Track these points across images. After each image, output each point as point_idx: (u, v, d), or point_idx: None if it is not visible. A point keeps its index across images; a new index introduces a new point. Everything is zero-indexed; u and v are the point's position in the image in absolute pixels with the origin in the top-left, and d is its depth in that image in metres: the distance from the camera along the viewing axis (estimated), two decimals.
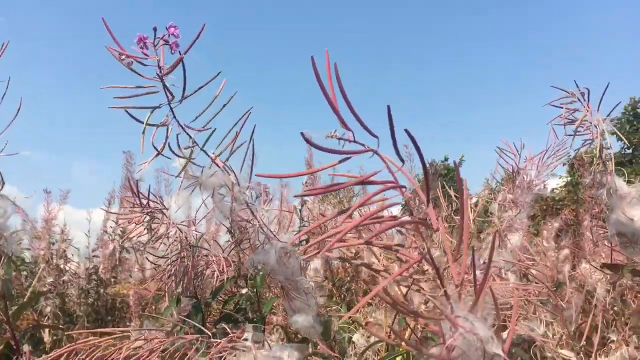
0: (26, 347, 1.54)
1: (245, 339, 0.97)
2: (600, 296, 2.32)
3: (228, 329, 1.06)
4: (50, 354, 1.07)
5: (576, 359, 1.36)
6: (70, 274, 3.75)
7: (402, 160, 0.59)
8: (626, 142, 2.57)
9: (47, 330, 2.71)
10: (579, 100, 1.34)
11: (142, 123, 0.85)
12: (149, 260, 1.27)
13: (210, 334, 1.05)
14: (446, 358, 0.56)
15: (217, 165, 0.96)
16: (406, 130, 0.54)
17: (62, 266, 3.69)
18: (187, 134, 0.92)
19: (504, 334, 0.62)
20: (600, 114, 1.34)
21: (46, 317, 3.07)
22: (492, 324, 0.56)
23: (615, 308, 2.12)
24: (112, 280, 3.93)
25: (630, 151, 20.77)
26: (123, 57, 0.82)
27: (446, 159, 21.19)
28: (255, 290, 1.42)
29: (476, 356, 0.55)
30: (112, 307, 3.73)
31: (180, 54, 0.84)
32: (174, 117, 0.90)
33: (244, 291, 1.48)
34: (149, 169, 0.95)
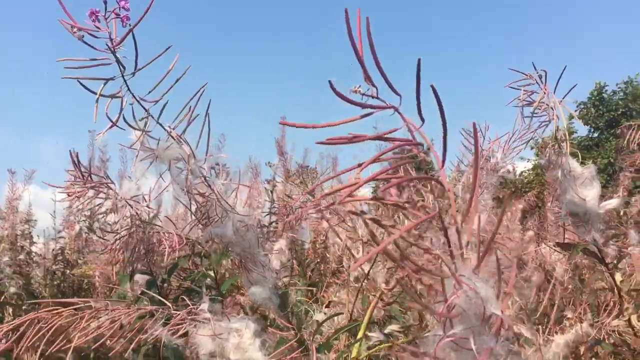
0: None
1: (202, 310, 0.98)
2: (559, 275, 2.38)
3: (188, 302, 1.07)
4: (12, 322, 1.07)
5: (530, 334, 1.40)
6: (35, 255, 3.71)
7: (423, 120, 0.60)
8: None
9: (10, 310, 2.68)
10: (537, 82, 1.36)
11: (95, 94, 0.85)
12: (96, 236, 1.26)
13: (170, 306, 1.05)
14: (447, 315, 0.57)
15: (173, 137, 0.96)
16: (432, 87, 0.56)
17: (26, 247, 3.65)
18: (142, 106, 0.92)
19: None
20: (556, 96, 1.36)
21: (10, 299, 3.03)
22: (493, 286, 0.58)
23: (570, 286, 2.18)
24: (79, 261, 3.89)
25: (596, 135, 21.18)
26: (75, 29, 0.82)
27: (432, 140, 21.27)
28: (213, 268, 1.43)
29: (475, 315, 0.57)
30: (79, 288, 3.70)
31: (130, 26, 0.84)
32: (128, 89, 0.90)
33: (201, 269, 1.49)
34: (115, 150, 0.96)
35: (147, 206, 1.23)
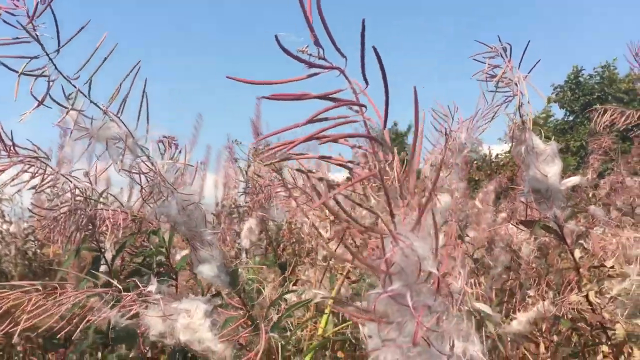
0: None
1: (150, 292, 0.96)
2: (525, 255, 2.40)
3: (138, 283, 1.05)
4: None
5: (492, 312, 1.40)
6: (6, 234, 3.66)
7: (367, 82, 0.59)
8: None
9: None
10: (501, 56, 1.34)
11: (17, 72, 0.82)
12: (30, 211, 1.23)
13: (120, 287, 1.03)
14: (385, 272, 0.57)
15: (109, 116, 0.92)
16: (374, 48, 0.56)
17: None
18: (72, 84, 0.89)
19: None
20: (520, 71, 1.35)
21: None
22: (431, 246, 0.58)
23: (534, 265, 2.19)
24: (49, 240, 3.83)
25: (571, 118, 21.42)
26: None
27: (395, 125, 21.30)
28: (164, 246, 1.40)
29: (412, 272, 0.57)
30: (50, 267, 3.65)
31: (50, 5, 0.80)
32: (55, 67, 0.86)
33: (151, 247, 1.46)
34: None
35: (89, 182, 1.20)
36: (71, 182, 1.24)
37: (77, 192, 1.22)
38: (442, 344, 0.60)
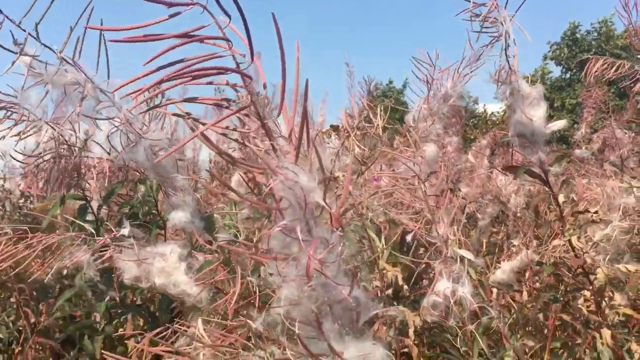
0: None
1: (123, 235, 0.95)
2: (513, 206, 2.40)
3: (113, 228, 1.04)
4: None
5: (474, 258, 1.40)
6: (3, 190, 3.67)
7: (229, 17, 0.55)
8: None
9: None
10: None
11: None
12: (14, 159, 1.21)
13: (93, 231, 1.02)
14: (275, 207, 0.57)
15: (66, 61, 0.90)
16: None
17: None
18: (22, 28, 0.86)
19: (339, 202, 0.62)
20: (506, 11, 1.31)
21: None
22: (320, 180, 0.57)
23: (521, 215, 2.19)
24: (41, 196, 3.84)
25: (568, 76, 21.24)
26: None
27: (391, 82, 21.12)
28: (152, 195, 1.39)
29: (300, 206, 0.56)
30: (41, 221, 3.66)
31: None
32: (0, 12, 0.83)
33: (139, 195, 1.45)
34: None
35: (73, 130, 1.18)
36: (54, 129, 1.22)
37: (61, 139, 1.20)
38: (338, 276, 0.59)
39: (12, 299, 2.11)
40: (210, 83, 0.56)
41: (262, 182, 0.59)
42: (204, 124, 0.58)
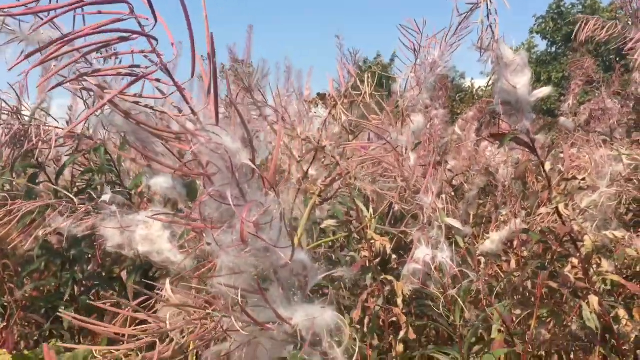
0: None
1: (105, 202, 0.93)
2: (501, 177, 2.39)
3: (93, 195, 1.02)
4: None
5: (462, 226, 1.40)
6: None
7: None
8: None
9: None
10: None
11: None
12: None
13: (74, 199, 1.00)
14: (203, 173, 0.55)
15: (41, 19, 0.86)
16: None
17: None
18: None
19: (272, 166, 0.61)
20: None
21: None
22: (244, 139, 0.56)
23: (509, 185, 2.19)
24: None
25: (553, 49, 21.23)
26: None
27: (379, 56, 20.99)
28: (112, 163, 1.36)
29: (228, 170, 0.54)
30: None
31: None
32: None
33: (95, 164, 1.42)
34: None
35: (17, 96, 1.15)
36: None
37: (10, 108, 1.18)
38: (280, 241, 0.58)
39: None
40: (115, 54, 0.54)
41: (185, 150, 0.56)
42: (100, 86, 0.55)
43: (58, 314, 1.21)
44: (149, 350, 0.61)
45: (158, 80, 0.53)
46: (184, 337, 0.62)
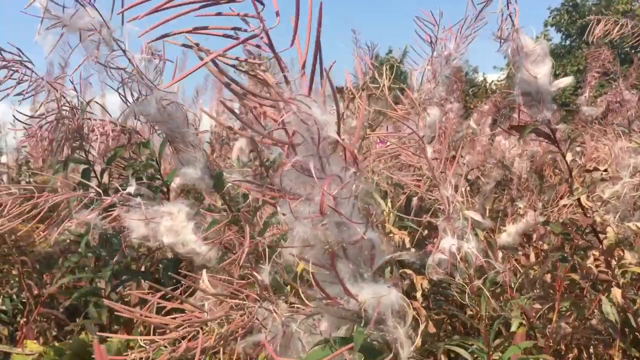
0: None
1: (130, 194, 0.94)
2: (517, 170, 2.38)
3: (119, 187, 1.02)
4: None
5: (482, 219, 1.39)
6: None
7: None
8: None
9: None
10: None
11: None
12: (17, 120, 1.17)
13: (100, 191, 1.00)
14: (288, 142, 0.55)
15: (81, 4, 0.86)
16: None
17: None
18: None
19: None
20: None
21: None
22: (332, 113, 0.55)
23: (525, 178, 2.18)
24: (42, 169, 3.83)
25: (568, 43, 21.03)
26: None
27: (390, 51, 20.95)
28: (155, 158, 1.37)
29: (314, 141, 0.54)
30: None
31: None
32: None
33: (143, 158, 1.43)
34: None
35: (75, 90, 1.15)
36: (57, 90, 1.19)
37: (63, 100, 1.17)
38: (353, 216, 0.57)
39: (14, 272, 2.11)
40: (219, 14, 0.53)
41: (272, 118, 0.56)
42: (199, 48, 0.55)
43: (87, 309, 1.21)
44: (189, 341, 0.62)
45: (258, 47, 0.54)
46: (222, 327, 0.63)
